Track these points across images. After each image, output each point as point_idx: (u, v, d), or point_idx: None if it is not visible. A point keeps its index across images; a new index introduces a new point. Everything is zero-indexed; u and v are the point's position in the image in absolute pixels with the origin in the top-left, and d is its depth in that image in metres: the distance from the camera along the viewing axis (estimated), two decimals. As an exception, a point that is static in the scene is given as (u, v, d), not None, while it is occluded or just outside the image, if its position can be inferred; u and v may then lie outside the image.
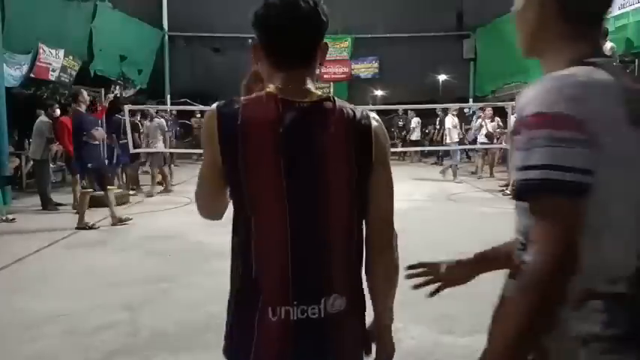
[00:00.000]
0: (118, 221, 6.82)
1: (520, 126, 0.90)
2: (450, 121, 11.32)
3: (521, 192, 0.88)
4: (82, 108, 6.97)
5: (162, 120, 10.47)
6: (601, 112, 0.87)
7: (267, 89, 1.19)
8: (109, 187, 7.05)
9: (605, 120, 0.87)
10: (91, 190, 6.92)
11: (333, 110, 1.18)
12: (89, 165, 6.80)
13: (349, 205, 1.19)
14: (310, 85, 1.23)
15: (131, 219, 6.98)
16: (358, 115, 1.20)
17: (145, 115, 10.83)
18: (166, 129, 10.56)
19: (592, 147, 0.85)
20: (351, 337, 1.24)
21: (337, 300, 1.18)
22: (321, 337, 1.18)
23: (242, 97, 1.22)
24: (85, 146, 6.82)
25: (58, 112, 8.57)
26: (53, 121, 8.40)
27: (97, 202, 7.68)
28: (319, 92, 1.23)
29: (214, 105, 1.19)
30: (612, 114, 0.88)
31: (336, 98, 1.23)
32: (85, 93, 7.08)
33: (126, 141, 9.54)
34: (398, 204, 1.23)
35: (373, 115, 1.23)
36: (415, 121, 15.88)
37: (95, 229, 6.66)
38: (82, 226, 6.66)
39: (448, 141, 11.42)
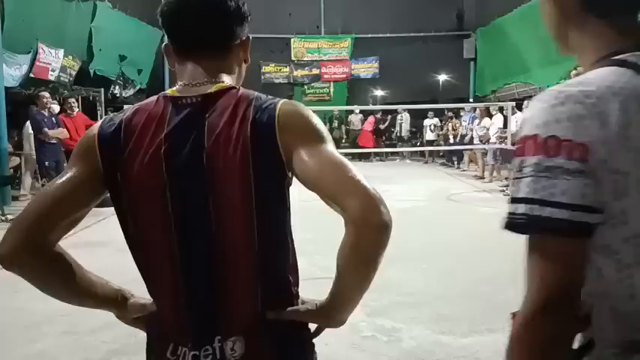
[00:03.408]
0: None
1: (516, 149, 0.76)
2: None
3: (507, 227, 0.73)
4: (41, 110, 7.18)
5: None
6: (612, 132, 0.69)
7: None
8: None
9: (620, 140, 0.69)
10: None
11: (231, 100, 0.97)
12: (46, 163, 7.05)
13: (249, 222, 0.95)
14: (219, 78, 1.01)
15: None
16: (263, 102, 0.97)
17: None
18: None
19: (597, 175, 0.69)
20: None
21: (237, 343, 0.97)
22: None
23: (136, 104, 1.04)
24: (42, 145, 7.11)
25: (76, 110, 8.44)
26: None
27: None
28: (228, 83, 1.01)
29: (98, 122, 1.03)
30: (632, 130, 0.70)
31: (242, 88, 1.01)
32: (43, 98, 7.27)
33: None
34: (398, 204, 1.17)
35: (287, 100, 0.99)
36: (434, 121, 15.73)
37: None
38: None
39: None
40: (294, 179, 1.00)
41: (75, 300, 1.05)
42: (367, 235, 0.87)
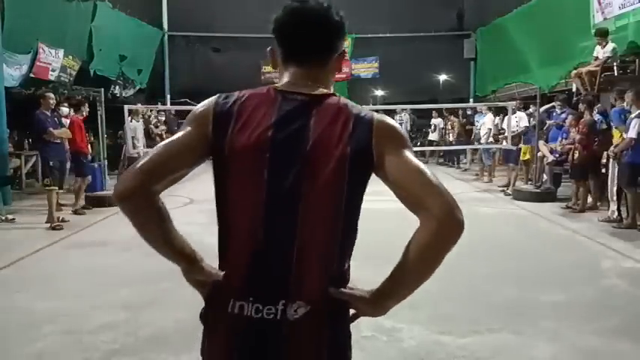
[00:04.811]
0: (53, 222, 6.78)
1: None
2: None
3: None
4: (45, 110, 7.14)
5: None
6: None
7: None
8: (58, 189, 7.12)
9: None
10: (56, 187, 7.00)
11: (334, 105, 1.15)
12: (50, 163, 7.05)
13: (337, 208, 1.12)
14: (319, 83, 1.20)
15: (62, 227, 6.75)
16: (360, 111, 1.16)
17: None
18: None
19: None
20: (311, 352, 1.14)
21: (301, 308, 1.11)
22: (275, 342, 1.12)
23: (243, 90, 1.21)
24: (45, 145, 7.09)
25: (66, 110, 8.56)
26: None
27: (98, 202, 7.69)
28: (325, 90, 1.20)
29: (215, 96, 1.19)
30: None
31: (341, 96, 1.21)
32: (49, 99, 7.24)
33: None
34: (397, 204, 1.17)
35: (379, 114, 1.19)
36: (437, 122, 15.36)
37: (59, 229, 6.64)
38: (50, 222, 6.75)
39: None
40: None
41: (160, 244, 1.18)
42: (446, 231, 1.06)
